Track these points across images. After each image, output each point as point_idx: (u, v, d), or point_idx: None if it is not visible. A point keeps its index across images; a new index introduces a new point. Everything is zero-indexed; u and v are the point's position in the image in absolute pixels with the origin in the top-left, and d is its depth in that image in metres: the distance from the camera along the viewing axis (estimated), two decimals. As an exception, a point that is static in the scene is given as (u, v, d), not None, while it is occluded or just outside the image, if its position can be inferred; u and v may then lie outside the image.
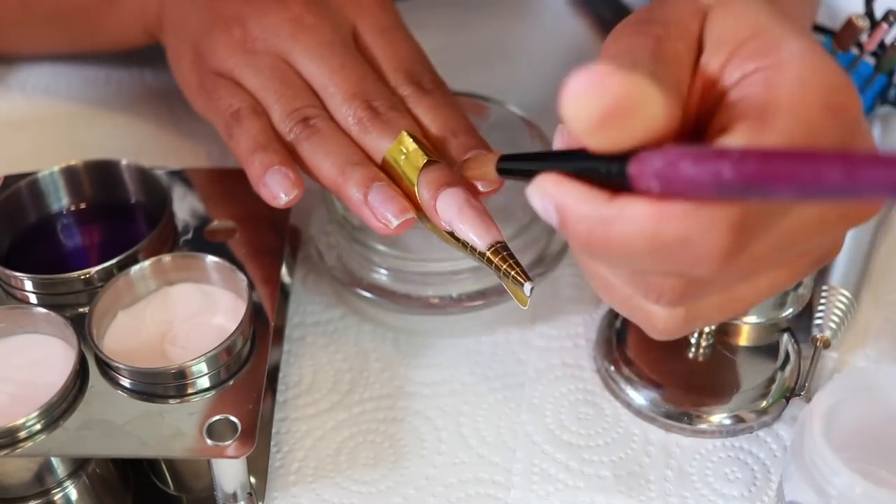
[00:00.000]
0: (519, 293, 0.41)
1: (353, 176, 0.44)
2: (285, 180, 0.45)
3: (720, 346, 0.49)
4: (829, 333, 0.49)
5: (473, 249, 0.42)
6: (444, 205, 0.42)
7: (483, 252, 0.41)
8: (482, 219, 0.41)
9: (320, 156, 0.45)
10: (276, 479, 0.46)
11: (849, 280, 0.51)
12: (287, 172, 0.45)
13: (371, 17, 0.49)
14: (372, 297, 0.51)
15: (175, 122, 0.64)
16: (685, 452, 0.47)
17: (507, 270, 0.41)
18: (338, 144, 0.45)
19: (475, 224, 0.41)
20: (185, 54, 0.52)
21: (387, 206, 0.43)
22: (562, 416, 0.49)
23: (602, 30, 0.71)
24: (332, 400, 0.50)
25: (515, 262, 0.41)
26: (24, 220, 0.52)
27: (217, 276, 0.48)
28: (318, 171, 0.45)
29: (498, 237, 0.41)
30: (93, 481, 0.45)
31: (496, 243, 0.41)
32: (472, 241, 0.41)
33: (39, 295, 0.47)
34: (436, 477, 0.46)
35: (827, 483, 0.38)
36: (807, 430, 0.39)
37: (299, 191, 0.45)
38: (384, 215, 0.43)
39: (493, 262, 0.41)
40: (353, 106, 0.46)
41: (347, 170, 0.44)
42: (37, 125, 0.65)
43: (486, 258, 0.41)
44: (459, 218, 0.42)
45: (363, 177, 0.44)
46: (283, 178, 0.45)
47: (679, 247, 0.31)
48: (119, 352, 0.45)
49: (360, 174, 0.44)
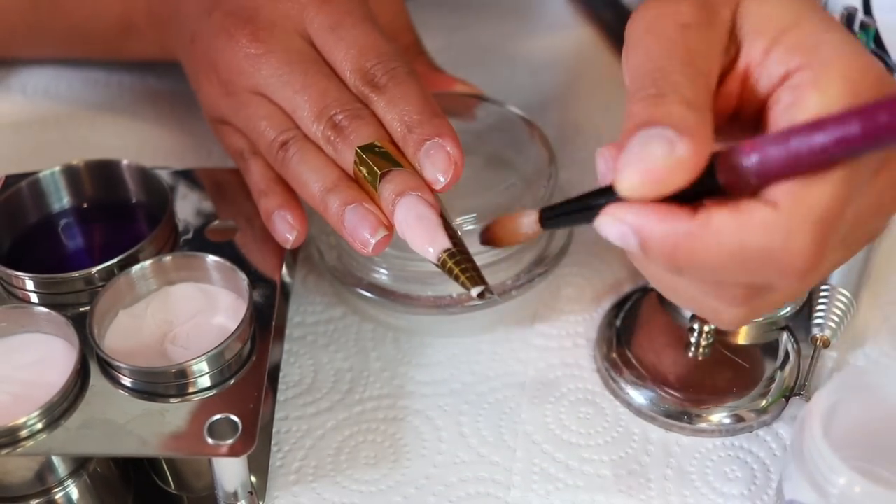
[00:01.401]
0: None
1: (330, 203, 0.44)
2: (283, 223, 0.48)
3: (720, 346, 0.49)
4: (828, 333, 0.49)
5: None
6: (397, 221, 0.43)
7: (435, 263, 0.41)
8: (427, 230, 0.42)
9: (302, 182, 0.46)
10: (276, 479, 0.46)
11: (848, 280, 0.51)
12: (285, 215, 0.48)
13: (316, 18, 0.48)
14: (372, 296, 0.51)
15: (176, 122, 0.64)
16: (685, 451, 0.47)
17: (458, 275, 0.41)
18: (315, 169, 0.45)
19: (421, 237, 0.42)
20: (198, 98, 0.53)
21: (362, 227, 0.43)
22: (562, 415, 0.49)
23: (602, 30, 0.71)
24: (333, 399, 0.50)
25: (466, 269, 0.41)
26: (26, 220, 0.52)
27: (218, 275, 0.48)
28: (304, 196, 0.46)
29: (445, 245, 0.41)
30: (94, 480, 0.45)
31: (443, 251, 0.41)
32: (424, 253, 0.42)
33: (40, 294, 0.47)
34: (436, 476, 0.46)
35: (827, 482, 0.38)
36: (806, 429, 0.39)
37: (299, 231, 0.48)
38: (361, 237, 0.43)
39: (444, 270, 0.41)
40: (320, 126, 0.46)
41: (325, 197, 0.45)
42: (38, 125, 0.65)
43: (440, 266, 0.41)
44: (408, 234, 0.42)
45: (339, 202, 0.44)
46: (281, 221, 0.48)
47: (764, 257, 0.32)
48: (120, 351, 0.45)
49: (334, 200, 0.44)
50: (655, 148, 0.32)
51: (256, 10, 0.48)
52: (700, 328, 0.49)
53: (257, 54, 0.47)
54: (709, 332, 0.49)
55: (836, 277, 0.51)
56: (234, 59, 0.48)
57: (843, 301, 0.50)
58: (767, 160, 0.32)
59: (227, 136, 0.51)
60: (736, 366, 0.49)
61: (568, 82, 0.68)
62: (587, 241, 0.56)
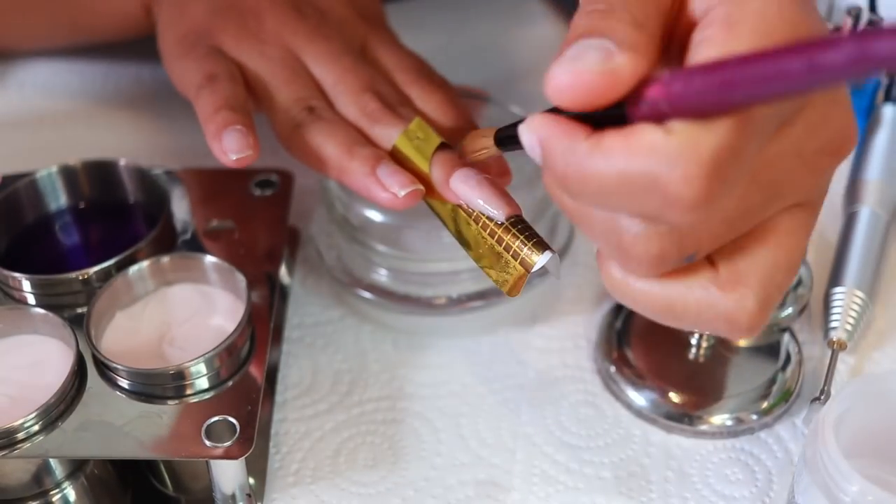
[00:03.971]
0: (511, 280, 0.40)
1: (361, 153, 0.45)
2: (242, 139, 0.45)
3: (721, 347, 0.49)
4: (845, 336, 0.49)
5: (476, 240, 0.42)
6: (460, 180, 0.42)
7: (494, 231, 0.41)
8: (499, 192, 0.42)
9: (324, 138, 0.46)
10: (274, 481, 0.46)
11: (863, 281, 0.51)
12: (247, 133, 0.45)
13: (379, 33, 0.52)
14: (372, 297, 0.51)
15: (174, 122, 0.64)
16: (686, 453, 0.47)
17: (521, 244, 0.40)
18: (343, 130, 0.46)
19: (492, 196, 0.42)
20: (179, 24, 0.52)
21: (394, 178, 0.44)
22: (562, 417, 0.49)
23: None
24: (332, 401, 0.50)
25: (530, 235, 0.40)
26: (22, 220, 0.51)
27: (216, 276, 0.48)
28: (321, 152, 0.46)
29: (516, 210, 0.41)
30: (91, 482, 0.45)
31: (513, 216, 0.41)
32: (490, 212, 0.41)
33: (37, 295, 0.47)
34: (435, 478, 0.46)
35: (839, 490, 0.38)
36: (819, 437, 0.38)
37: (253, 153, 0.45)
38: (392, 186, 0.43)
39: (505, 238, 0.41)
40: (364, 99, 0.47)
41: (355, 149, 0.45)
42: (35, 125, 0.65)
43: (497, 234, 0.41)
44: (477, 191, 0.42)
45: (371, 154, 0.44)
46: (240, 136, 0.45)
47: (648, 185, 0.30)
48: (117, 352, 0.44)
49: (367, 152, 0.45)
50: (592, 55, 0.31)
51: (331, 7, 0.51)
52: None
53: (321, 32, 0.49)
54: (710, 334, 0.49)
55: (850, 279, 0.50)
56: (293, 22, 0.50)
57: (858, 303, 0.49)
58: (670, 95, 0.30)
59: (212, 56, 0.49)
60: (737, 367, 0.49)
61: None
62: (588, 241, 0.56)
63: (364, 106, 0.47)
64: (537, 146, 0.33)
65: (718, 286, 0.34)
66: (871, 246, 0.53)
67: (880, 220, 0.54)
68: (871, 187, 0.55)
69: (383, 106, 0.47)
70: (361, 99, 0.47)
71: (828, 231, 0.56)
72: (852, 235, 0.53)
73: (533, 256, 0.40)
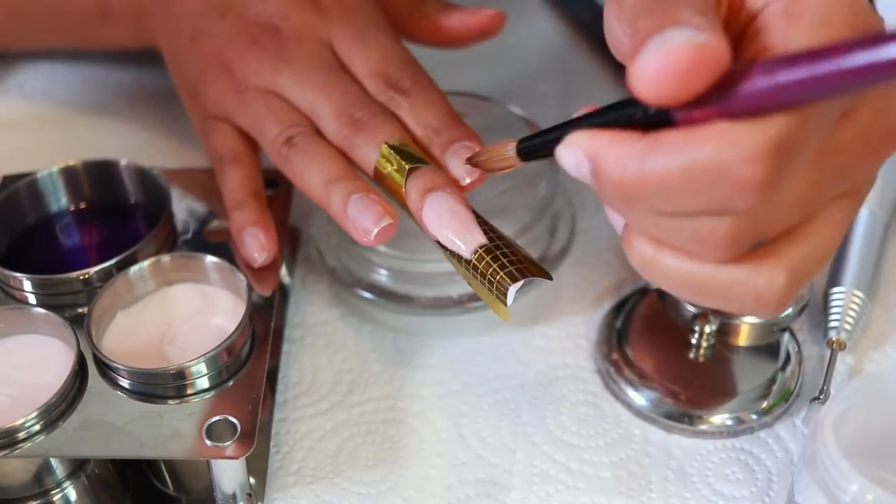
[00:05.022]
0: (500, 306, 0.40)
1: (334, 193, 0.44)
2: (254, 242, 0.47)
3: (721, 347, 0.49)
4: (844, 336, 0.49)
5: (460, 261, 0.41)
6: (427, 214, 0.42)
7: (469, 259, 0.41)
8: (462, 224, 0.41)
9: (306, 175, 0.46)
10: (275, 480, 0.46)
11: (862, 282, 0.51)
12: (257, 234, 0.47)
13: (341, 28, 0.49)
14: (372, 297, 0.51)
15: (174, 122, 0.64)
16: (686, 453, 0.47)
17: (491, 276, 0.40)
18: (320, 161, 0.45)
19: (455, 231, 0.41)
20: (183, 94, 0.54)
21: (364, 217, 0.43)
22: (562, 416, 0.49)
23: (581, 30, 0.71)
24: (332, 401, 0.50)
25: (505, 263, 0.40)
26: (23, 221, 0.51)
27: (216, 276, 0.48)
28: (306, 190, 0.46)
29: (481, 241, 0.41)
30: (92, 482, 0.45)
31: (480, 248, 0.41)
32: (456, 248, 0.41)
33: (38, 295, 0.47)
34: (435, 478, 0.46)
35: (839, 489, 0.38)
36: (819, 436, 0.38)
37: (269, 253, 0.47)
38: (363, 227, 0.43)
39: (478, 268, 0.40)
40: (340, 123, 0.46)
41: (329, 188, 0.44)
42: (36, 125, 0.65)
43: (471, 265, 0.41)
44: (440, 230, 0.41)
45: (342, 192, 0.44)
46: (252, 239, 0.47)
47: (715, 172, 0.30)
48: (118, 352, 0.45)
49: (339, 190, 0.44)
50: (677, 34, 0.30)
51: (284, 18, 0.50)
52: (701, 329, 0.49)
53: (281, 59, 0.48)
54: (710, 334, 0.49)
55: (849, 279, 0.50)
56: (255, 62, 0.49)
57: (857, 303, 0.49)
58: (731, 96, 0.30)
59: (215, 135, 0.50)
60: (737, 367, 0.49)
61: (568, 82, 0.68)
62: (588, 241, 0.56)
63: (340, 130, 0.46)
64: (585, 162, 0.33)
65: (751, 261, 0.34)
66: (871, 246, 0.53)
67: (879, 220, 0.54)
68: (870, 188, 0.55)
69: (357, 127, 0.45)
70: (338, 122, 0.46)
71: (827, 231, 0.56)
72: (851, 235, 0.53)
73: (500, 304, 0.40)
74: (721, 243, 0.33)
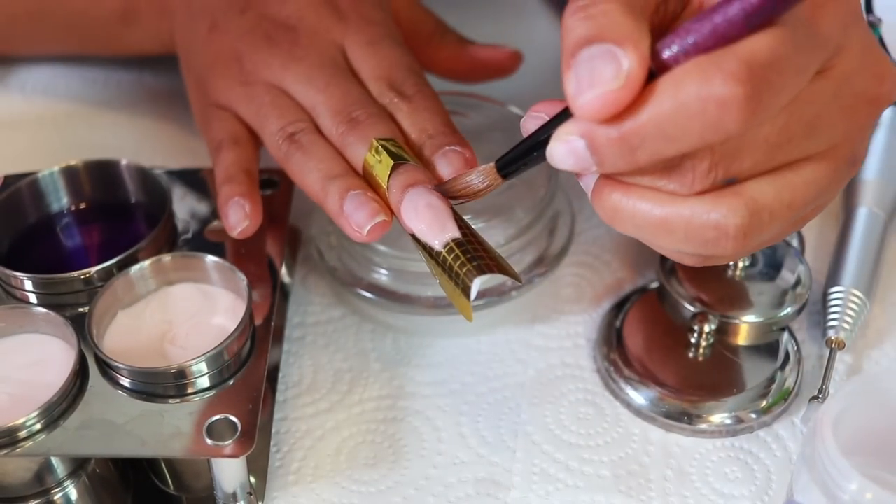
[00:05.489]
0: (464, 303, 0.39)
1: (331, 189, 0.45)
2: (240, 211, 0.48)
3: (720, 346, 0.49)
4: (843, 335, 0.49)
5: (431, 254, 0.41)
6: (405, 207, 0.42)
7: (439, 252, 0.40)
8: (437, 218, 0.41)
9: (305, 171, 0.46)
10: (275, 479, 0.46)
11: (861, 281, 0.51)
12: (244, 204, 0.48)
13: (356, 34, 0.50)
14: (372, 297, 0.51)
15: (175, 122, 0.64)
16: (685, 452, 0.47)
17: (458, 269, 0.39)
18: (320, 159, 0.46)
19: (429, 224, 0.41)
20: (191, 85, 0.54)
21: (359, 213, 0.43)
22: (562, 415, 0.49)
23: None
24: (332, 400, 0.50)
25: (474, 257, 0.39)
26: (24, 220, 0.52)
27: (217, 275, 0.48)
28: (304, 186, 0.46)
29: (454, 234, 0.41)
30: (93, 481, 0.45)
31: (452, 240, 0.40)
32: (429, 240, 0.41)
33: (39, 295, 0.47)
34: (435, 477, 0.46)
35: (838, 488, 0.38)
36: (818, 435, 0.38)
37: (251, 222, 0.48)
38: (356, 222, 0.43)
39: (447, 261, 0.40)
40: (336, 121, 0.47)
41: (326, 184, 0.45)
42: (36, 125, 0.65)
43: (440, 258, 0.40)
44: (415, 222, 0.42)
45: (339, 188, 0.44)
46: (238, 208, 0.48)
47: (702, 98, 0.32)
48: (119, 351, 0.45)
49: (336, 186, 0.44)
50: (604, 71, 0.32)
51: (301, 19, 0.51)
52: (700, 328, 0.49)
53: (293, 57, 0.49)
54: (709, 333, 0.49)
55: (848, 279, 0.50)
56: (266, 56, 0.50)
57: (856, 302, 0.50)
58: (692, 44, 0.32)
59: (217, 121, 0.51)
60: (736, 366, 0.49)
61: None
62: (587, 241, 0.56)
63: (336, 126, 0.46)
64: (580, 142, 0.34)
65: (715, 194, 0.35)
66: (870, 245, 0.53)
67: (878, 219, 0.54)
68: (870, 187, 0.55)
69: (352, 124, 0.46)
70: (335, 120, 0.47)
71: (826, 231, 0.56)
72: (850, 235, 0.53)
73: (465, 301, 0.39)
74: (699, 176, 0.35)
